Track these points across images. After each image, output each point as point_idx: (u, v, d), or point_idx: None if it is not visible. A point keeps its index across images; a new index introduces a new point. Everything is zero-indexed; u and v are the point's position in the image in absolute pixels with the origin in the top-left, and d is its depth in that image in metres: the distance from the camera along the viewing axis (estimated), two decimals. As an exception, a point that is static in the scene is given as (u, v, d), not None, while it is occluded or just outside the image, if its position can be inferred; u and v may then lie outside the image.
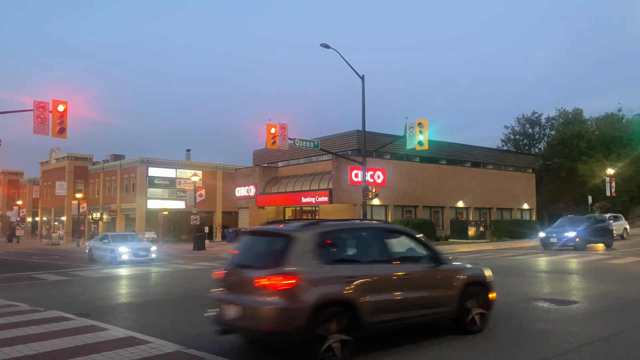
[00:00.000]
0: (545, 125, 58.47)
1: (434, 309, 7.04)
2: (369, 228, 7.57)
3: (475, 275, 7.67)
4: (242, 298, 6.13)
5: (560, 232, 24.39)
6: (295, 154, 39.16)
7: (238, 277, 6.50)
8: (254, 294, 5.95)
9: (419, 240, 7.51)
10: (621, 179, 45.13)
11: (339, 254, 6.75)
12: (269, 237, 6.86)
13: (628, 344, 6.75)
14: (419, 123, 24.94)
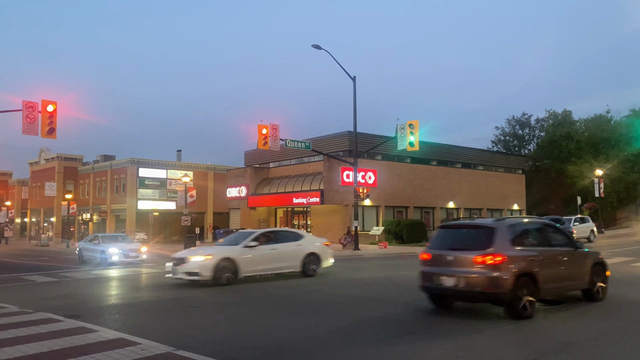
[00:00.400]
0: (535, 127, 58.93)
1: (576, 281, 9.61)
2: (536, 222, 10.07)
3: (597, 257, 10.26)
4: (460, 271, 8.62)
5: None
6: (287, 155, 39.13)
7: (453, 257, 8.92)
8: (472, 268, 8.47)
9: (563, 232, 10.27)
10: (610, 180, 45.57)
11: (522, 240, 9.04)
12: (472, 229, 9.54)
13: (616, 344, 6.83)
14: (409, 124, 25.07)
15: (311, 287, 13.46)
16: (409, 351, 6.62)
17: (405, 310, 9.73)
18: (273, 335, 7.69)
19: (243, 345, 7.05)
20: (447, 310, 9.46)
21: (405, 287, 13.42)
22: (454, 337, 7.31)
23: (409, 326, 8.14)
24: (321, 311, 9.85)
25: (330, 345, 7.02)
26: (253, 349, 6.89)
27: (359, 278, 15.43)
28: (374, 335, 7.57)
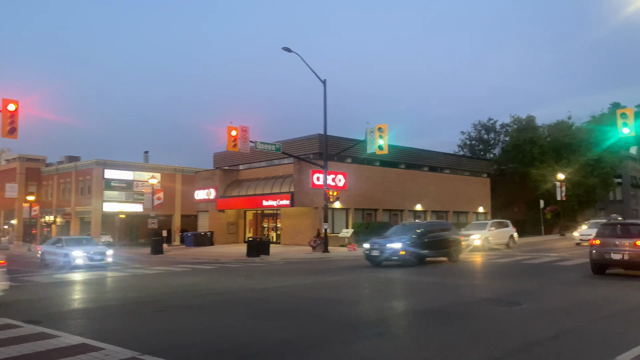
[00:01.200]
0: (500, 132, 60.31)
1: None
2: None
3: None
4: (626, 250, 13.78)
5: (384, 243, 19.26)
6: (257, 157, 38.97)
7: (618, 242, 14.09)
8: (633, 248, 13.66)
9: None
10: (571, 184, 47.01)
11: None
12: (629, 225, 14.80)
13: (574, 343, 7.07)
14: (379, 128, 25.34)
15: (280, 289, 13.45)
16: (377, 352, 6.70)
17: (374, 311, 9.83)
18: (241, 339, 7.66)
19: (210, 349, 7.00)
20: (417, 313, 9.61)
21: (374, 288, 13.57)
22: (421, 338, 7.43)
23: (378, 327, 8.24)
24: (290, 314, 9.85)
25: (298, 347, 7.04)
26: (221, 352, 6.85)
27: (328, 280, 15.50)
28: (343, 337, 7.62)
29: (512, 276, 15.70)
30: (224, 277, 17.04)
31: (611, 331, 7.75)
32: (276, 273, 18.20)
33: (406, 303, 11.06)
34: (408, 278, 15.60)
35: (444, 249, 20.35)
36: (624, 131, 20.60)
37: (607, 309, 9.66)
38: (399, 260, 18.76)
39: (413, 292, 12.93)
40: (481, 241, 27.08)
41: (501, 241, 28.70)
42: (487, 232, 27.87)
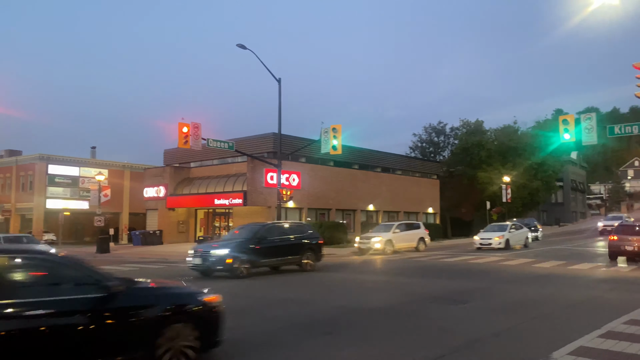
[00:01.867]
0: (450, 135, 61.97)
1: None
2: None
3: None
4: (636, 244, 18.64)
5: (208, 250, 16.10)
6: (209, 155, 38.35)
7: (631, 238, 18.92)
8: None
9: None
10: (516, 187, 48.90)
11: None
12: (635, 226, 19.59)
13: (515, 339, 7.38)
14: (333, 128, 25.47)
15: (228, 289, 13.31)
16: (325, 352, 6.75)
17: (324, 311, 9.89)
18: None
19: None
20: (364, 311, 9.76)
21: (325, 287, 13.66)
22: (367, 337, 7.55)
23: (327, 327, 8.30)
24: (239, 313, 9.77)
25: (246, 347, 7.00)
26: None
27: (278, 280, 15.46)
28: (292, 336, 7.64)
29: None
30: (172, 277, 16.70)
31: (550, 328, 8.13)
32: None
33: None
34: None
35: (293, 256, 17.09)
36: (565, 137, 21.59)
37: (547, 307, 10.12)
38: (225, 270, 15.38)
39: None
40: (382, 244, 25.61)
41: (408, 244, 27.17)
42: (391, 235, 26.45)
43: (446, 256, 23.71)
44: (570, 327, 8.08)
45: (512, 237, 28.25)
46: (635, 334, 7.35)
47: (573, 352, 6.34)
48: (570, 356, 6.18)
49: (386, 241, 25.98)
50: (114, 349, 5.20)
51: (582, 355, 6.21)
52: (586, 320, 8.53)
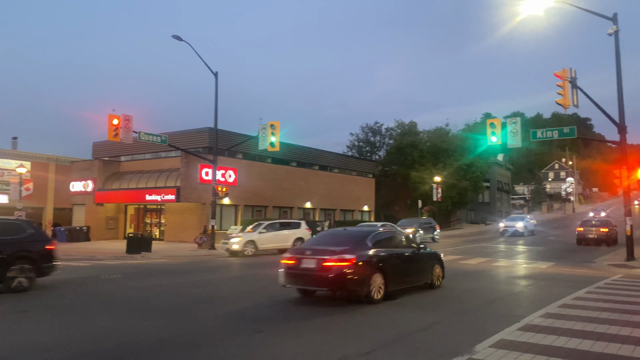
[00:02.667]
0: (385, 135, 63.47)
1: None
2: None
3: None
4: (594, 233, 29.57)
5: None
6: (141, 149, 37.07)
7: (592, 229, 29.78)
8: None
9: None
10: (446, 186, 50.84)
11: None
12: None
13: (442, 333, 7.66)
14: (271, 125, 25.37)
15: (160, 288, 12.94)
16: (256, 350, 6.71)
17: (256, 309, 9.82)
18: (114, 339, 7.24)
19: (78, 352, 6.53)
20: (296, 309, 9.78)
21: (258, 285, 13.56)
22: (300, 335, 7.58)
23: (259, 325, 8.25)
24: (169, 312, 9.52)
25: (176, 347, 6.82)
26: (89, 355, 6.42)
27: (211, 278, 15.21)
28: (223, 335, 7.53)
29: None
30: (99, 275, 16.00)
31: (473, 322, 8.50)
32: (157, 271, 17.47)
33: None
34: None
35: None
36: (492, 139, 22.71)
37: (472, 302, 10.59)
38: None
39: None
40: (240, 245, 23.36)
41: (279, 245, 24.32)
42: (256, 235, 24.10)
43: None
44: (492, 321, 8.50)
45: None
46: (550, 326, 7.84)
47: (494, 345, 6.67)
48: (491, 349, 6.50)
49: (246, 242, 23.61)
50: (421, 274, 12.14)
51: (502, 347, 6.54)
52: (507, 315, 9.00)
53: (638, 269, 17.56)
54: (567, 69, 20.16)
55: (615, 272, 16.91)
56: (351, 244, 10.31)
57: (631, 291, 12.01)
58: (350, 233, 11.35)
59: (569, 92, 20.00)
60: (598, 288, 12.48)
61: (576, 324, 7.97)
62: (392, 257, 10.84)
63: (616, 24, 20.14)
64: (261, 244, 24.03)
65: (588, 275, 15.60)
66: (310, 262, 9.98)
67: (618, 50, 20.39)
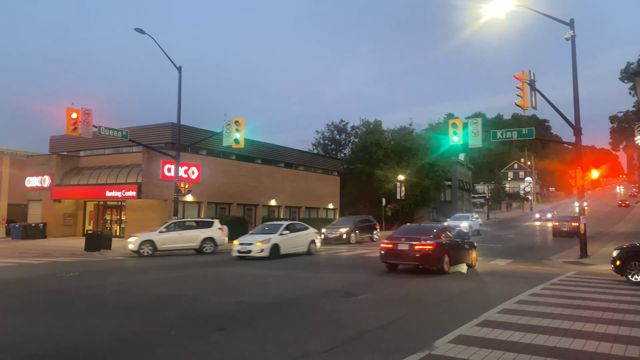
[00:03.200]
0: (351, 133, 63.81)
1: None
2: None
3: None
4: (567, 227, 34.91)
5: None
6: (102, 144, 36.08)
7: (566, 223, 35.78)
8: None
9: None
10: (409, 185, 51.54)
11: None
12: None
13: (402, 330, 7.77)
14: (236, 121, 25.13)
15: (120, 286, 12.65)
16: (218, 347, 6.65)
17: (218, 306, 9.73)
18: (70, 339, 7.04)
19: (31, 353, 6.31)
20: (258, 307, 9.75)
21: (220, 283, 13.44)
22: (262, 332, 7.55)
23: (221, 322, 8.18)
24: (128, 311, 9.32)
25: (134, 346, 6.69)
26: (44, 355, 6.21)
27: (172, 276, 14.97)
28: (184, 333, 7.43)
29: None
30: (55, 273, 15.50)
31: (433, 318, 8.67)
32: (117, 268, 17.08)
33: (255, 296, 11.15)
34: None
35: None
36: (454, 139, 23.17)
37: (433, 299, 10.78)
38: None
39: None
40: (136, 245, 22.08)
41: (185, 244, 23.24)
42: (155, 235, 22.85)
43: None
44: (451, 317, 8.68)
45: (285, 242, 21.27)
46: (507, 322, 8.07)
47: (453, 341, 6.82)
48: (450, 344, 6.64)
49: (143, 242, 22.35)
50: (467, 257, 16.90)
51: (461, 343, 6.70)
52: (466, 311, 9.21)
53: (591, 266, 18.28)
54: (526, 72, 20.76)
55: (570, 269, 17.55)
56: (430, 234, 15.06)
57: (583, 287, 12.49)
58: (426, 227, 16.62)
59: (527, 94, 20.60)
60: (553, 284, 12.92)
61: (532, 320, 8.23)
62: (452, 244, 15.76)
63: (573, 29, 20.86)
64: (161, 244, 22.63)
65: (544, 272, 16.13)
66: (404, 246, 14.74)
67: (574, 54, 21.14)
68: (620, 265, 13.88)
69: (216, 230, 24.59)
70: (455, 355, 6.12)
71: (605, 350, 6.38)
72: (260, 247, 20.11)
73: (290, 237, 21.71)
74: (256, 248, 20.10)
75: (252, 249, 20.10)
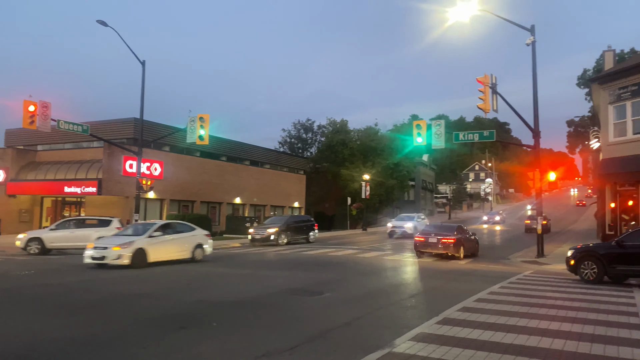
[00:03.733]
0: (317, 132, 64.01)
1: None
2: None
3: None
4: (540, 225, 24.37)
5: None
6: (61, 138, 34.96)
7: (535, 221, 27.29)
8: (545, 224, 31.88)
9: None
10: (374, 184, 52.07)
11: None
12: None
13: (364, 328, 7.84)
14: (200, 117, 24.77)
15: (81, 284, 12.30)
16: (177, 347, 6.55)
17: (179, 306, 9.58)
18: (23, 339, 6.79)
19: None
20: (221, 306, 9.66)
21: (183, 282, 13.25)
22: (224, 331, 7.48)
23: (182, 322, 8.06)
24: (85, 310, 9.07)
25: (91, 347, 6.51)
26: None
27: (132, 275, 14.65)
28: (145, 332, 7.29)
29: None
30: (9, 271, 14.94)
31: (395, 316, 8.78)
32: (74, 266, 16.59)
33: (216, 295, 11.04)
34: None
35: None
36: (418, 140, 23.53)
37: (394, 297, 10.92)
38: None
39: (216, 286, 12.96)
40: (23, 242, 21.43)
41: (78, 243, 21.12)
42: (45, 233, 22.29)
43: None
44: (412, 315, 8.82)
45: (156, 247, 17.05)
46: (466, 319, 8.26)
47: (413, 338, 6.93)
48: (410, 342, 6.74)
49: (30, 239, 21.59)
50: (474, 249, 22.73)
51: (421, 340, 6.81)
52: (427, 309, 9.37)
53: (547, 266, 18.90)
54: (488, 75, 21.26)
55: (527, 268, 18.10)
56: (452, 231, 20.80)
57: (539, 286, 12.91)
58: (447, 225, 23.25)
59: (489, 97, 21.11)
60: (511, 283, 13.29)
61: (490, 317, 8.45)
62: (465, 238, 21.22)
63: (534, 35, 21.49)
64: (50, 242, 21.63)
65: (502, 271, 16.58)
66: (433, 239, 20.21)
67: (535, 59, 21.79)
68: (574, 264, 14.40)
69: (113, 230, 21.48)
70: (415, 352, 6.22)
71: (559, 347, 6.61)
72: (117, 252, 15.75)
73: (164, 240, 17.53)
74: (112, 254, 15.77)
75: (107, 255, 15.82)
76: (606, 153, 23.74)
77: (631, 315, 9.05)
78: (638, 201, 21.88)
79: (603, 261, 13.79)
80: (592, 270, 13.94)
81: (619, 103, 22.25)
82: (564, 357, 6.14)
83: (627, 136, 22.00)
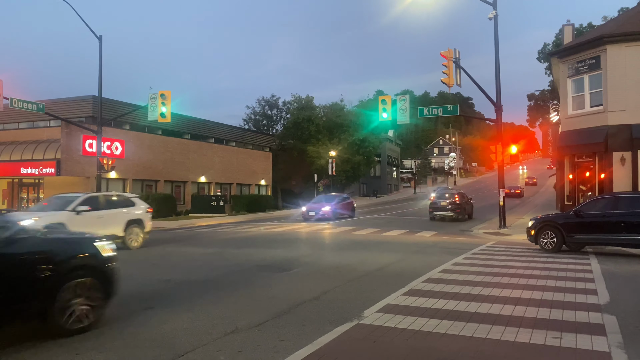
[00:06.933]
0: (282, 109, 63.35)
1: None
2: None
3: None
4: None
5: None
6: (15, 117, 33.53)
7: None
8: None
9: None
10: (340, 161, 52.25)
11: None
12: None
13: (332, 302, 7.91)
14: (161, 94, 24.15)
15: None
16: (146, 326, 6.46)
17: (145, 285, 9.44)
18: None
19: None
20: (188, 285, 9.57)
21: (148, 262, 13.05)
22: (192, 309, 7.41)
23: (149, 302, 7.94)
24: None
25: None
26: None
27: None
28: (110, 313, 7.14)
29: None
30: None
31: (363, 289, 8.89)
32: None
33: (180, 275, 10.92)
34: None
35: None
36: (383, 116, 23.62)
37: (361, 270, 11.05)
38: None
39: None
40: None
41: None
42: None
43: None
44: (379, 287, 8.94)
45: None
46: (431, 290, 8.44)
47: (381, 310, 7.04)
48: (378, 313, 6.84)
49: None
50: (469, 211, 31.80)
51: (388, 312, 6.92)
52: (393, 281, 9.51)
53: (509, 236, 19.48)
54: (452, 50, 21.41)
55: (490, 239, 18.61)
56: (456, 195, 28.45)
57: (502, 256, 13.29)
58: (453, 191, 31.35)
59: (453, 72, 21.29)
60: (474, 254, 13.64)
61: (454, 287, 8.65)
62: (465, 203, 28.85)
63: (496, 9, 21.68)
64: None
65: (466, 243, 16.99)
66: (444, 202, 28.01)
67: (497, 34, 22.03)
68: (534, 234, 14.88)
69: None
70: (382, 323, 6.31)
71: (520, 314, 6.83)
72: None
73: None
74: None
75: None
76: (565, 126, 24.39)
77: (587, 282, 9.44)
78: (595, 172, 22.67)
79: (562, 230, 14.29)
80: (552, 240, 14.44)
81: (577, 77, 22.81)
82: (525, 323, 6.35)
83: (585, 109, 22.63)
